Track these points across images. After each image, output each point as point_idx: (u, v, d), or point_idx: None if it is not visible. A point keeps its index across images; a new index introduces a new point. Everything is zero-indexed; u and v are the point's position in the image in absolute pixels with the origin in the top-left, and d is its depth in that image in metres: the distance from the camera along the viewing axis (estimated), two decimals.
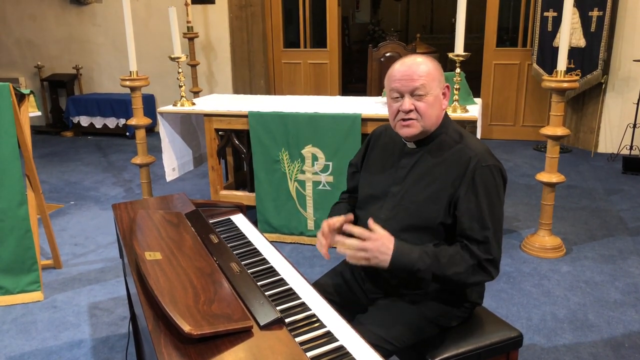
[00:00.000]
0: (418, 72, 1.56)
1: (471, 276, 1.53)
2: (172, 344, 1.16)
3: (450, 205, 1.57)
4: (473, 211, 1.54)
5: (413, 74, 1.56)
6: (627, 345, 2.37)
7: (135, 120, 3.73)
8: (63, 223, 3.94)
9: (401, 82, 1.57)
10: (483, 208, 1.53)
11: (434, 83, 1.57)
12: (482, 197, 1.54)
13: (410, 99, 1.57)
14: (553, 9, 5.17)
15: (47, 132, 6.92)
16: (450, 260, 1.52)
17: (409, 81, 1.56)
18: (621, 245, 3.35)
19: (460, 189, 1.55)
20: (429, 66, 1.57)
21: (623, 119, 5.18)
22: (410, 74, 1.56)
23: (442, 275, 1.51)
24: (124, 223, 1.82)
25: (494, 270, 1.56)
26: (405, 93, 1.57)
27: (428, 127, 1.60)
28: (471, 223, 1.54)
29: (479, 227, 1.53)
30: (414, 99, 1.57)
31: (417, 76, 1.55)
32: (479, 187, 1.54)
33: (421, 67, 1.56)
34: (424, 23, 10.83)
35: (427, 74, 1.56)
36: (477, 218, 1.53)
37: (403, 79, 1.57)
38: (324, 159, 3.27)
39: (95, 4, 6.69)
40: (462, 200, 1.55)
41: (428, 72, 1.56)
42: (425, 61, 1.58)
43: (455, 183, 1.56)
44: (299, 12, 6.27)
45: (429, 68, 1.57)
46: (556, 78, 2.98)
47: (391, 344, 1.54)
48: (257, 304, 1.29)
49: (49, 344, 2.49)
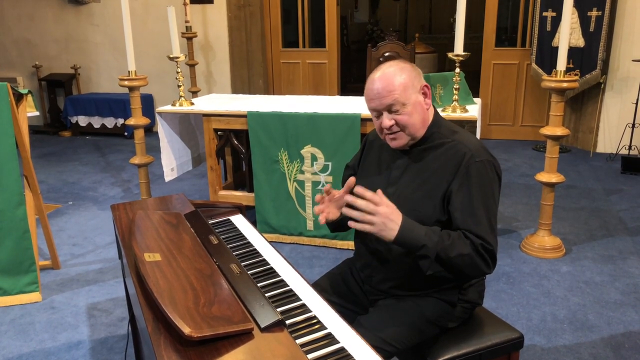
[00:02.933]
0: (388, 88, 1.54)
1: (473, 260, 1.48)
2: (172, 346, 1.15)
3: (444, 201, 1.56)
4: (466, 205, 1.53)
5: (383, 91, 1.54)
6: (627, 345, 2.36)
7: (133, 120, 3.72)
8: (61, 223, 3.92)
9: (375, 101, 1.57)
10: (476, 203, 1.52)
11: (408, 92, 1.55)
12: (475, 191, 1.53)
13: (389, 115, 1.57)
14: (552, 9, 5.17)
15: (45, 132, 6.91)
16: (454, 243, 1.47)
17: (382, 99, 1.55)
18: (621, 245, 3.35)
19: (453, 183, 1.55)
20: (400, 78, 1.54)
21: (622, 118, 5.18)
22: (381, 92, 1.55)
23: (445, 256, 1.46)
24: (123, 224, 1.81)
25: (492, 261, 1.52)
26: (382, 110, 1.57)
27: (415, 134, 1.60)
28: (464, 217, 1.52)
29: (473, 222, 1.52)
30: (392, 115, 1.56)
31: (387, 92, 1.54)
32: (472, 181, 1.53)
33: (391, 81, 1.54)
34: (422, 23, 10.82)
35: (399, 85, 1.54)
36: (470, 212, 1.52)
37: (376, 98, 1.56)
38: (323, 159, 3.26)
39: (94, 4, 6.68)
40: (455, 195, 1.54)
41: (399, 84, 1.54)
42: (395, 72, 1.55)
43: (448, 178, 1.56)
44: (298, 12, 6.26)
45: (400, 80, 1.54)
46: (555, 78, 2.98)
47: (392, 345, 1.54)
48: (258, 306, 1.28)
49: (47, 345, 2.48)
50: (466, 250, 1.48)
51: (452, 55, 3.11)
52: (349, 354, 1.20)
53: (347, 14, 9.74)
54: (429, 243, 1.45)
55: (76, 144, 6.42)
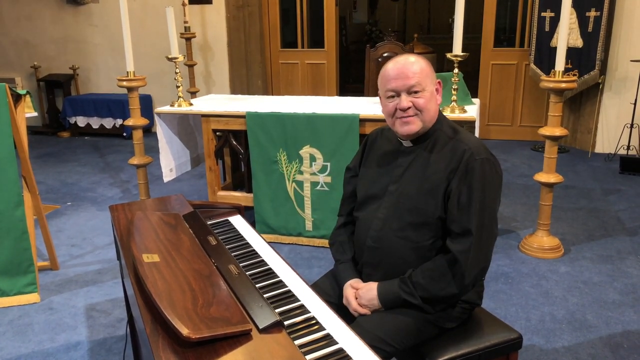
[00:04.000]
0: (412, 70, 1.59)
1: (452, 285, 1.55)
2: (170, 348, 1.15)
3: (445, 199, 1.58)
4: (463, 204, 1.55)
5: (408, 72, 1.59)
6: (626, 345, 2.36)
7: (132, 120, 3.72)
8: (60, 224, 3.92)
9: (397, 81, 1.60)
10: (473, 201, 1.54)
11: (428, 79, 1.61)
12: (474, 190, 1.54)
13: (407, 96, 1.60)
14: (550, 9, 5.17)
15: (44, 132, 6.90)
16: (430, 278, 1.55)
17: (404, 79, 1.59)
18: (619, 245, 3.35)
19: (453, 181, 1.57)
20: (422, 64, 1.61)
21: (620, 119, 5.19)
22: (405, 72, 1.59)
23: (428, 296, 1.56)
24: (121, 225, 1.81)
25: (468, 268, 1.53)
26: (401, 92, 1.60)
27: (427, 122, 1.63)
28: (460, 215, 1.55)
29: (468, 220, 1.53)
30: (411, 97, 1.60)
31: (411, 74, 1.59)
32: (472, 179, 1.55)
33: (414, 65, 1.60)
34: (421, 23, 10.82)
35: (421, 71, 1.60)
36: (466, 211, 1.54)
37: (398, 77, 1.60)
38: (322, 159, 3.26)
39: (92, 4, 6.67)
40: (454, 192, 1.56)
41: (421, 69, 1.60)
42: (417, 59, 1.62)
43: (449, 176, 1.58)
44: (296, 12, 6.26)
45: (421, 66, 1.61)
46: (554, 78, 2.98)
47: (390, 346, 1.54)
48: (256, 307, 1.28)
49: (45, 346, 2.47)
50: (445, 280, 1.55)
51: (451, 56, 3.11)
52: (348, 355, 1.20)
53: (346, 14, 9.74)
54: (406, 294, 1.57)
55: (75, 144, 6.41)
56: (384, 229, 1.65)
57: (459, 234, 1.55)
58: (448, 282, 1.55)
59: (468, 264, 1.53)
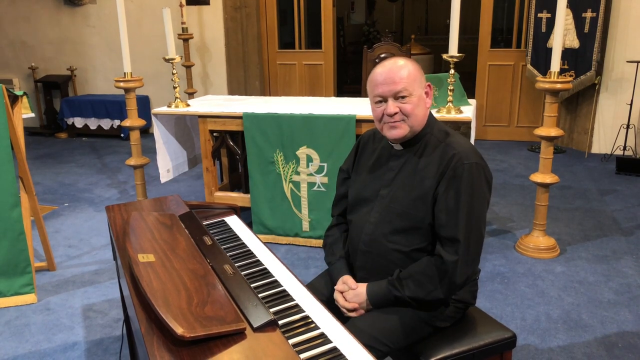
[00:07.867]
0: (399, 75, 1.57)
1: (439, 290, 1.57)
2: (165, 347, 1.16)
3: (433, 203, 1.58)
4: (450, 209, 1.54)
5: (395, 77, 1.57)
6: (621, 345, 2.37)
7: (129, 121, 3.72)
8: (57, 225, 3.92)
9: (383, 86, 1.59)
10: (461, 206, 1.53)
11: (416, 84, 1.59)
12: (461, 194, 1.54)
13: (394, 102, 1.59)
14: (547, 10, 5.19)
15: (41, 133, 6.90)
16: (418, 282, 1.57)
17: (391, 85, 1.58)
18: (615, 245, 3.36)
19: (441, 185, 1.56)
20: (409, 68, 1.59)
21: (616, 119, 5.21)
22: (392, 77, 1.58)
23: (416, 297, 1.58)
24: (118, 225, 1.81)
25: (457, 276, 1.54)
26: (388, 97, 1.59)
27: (415, 127, 1.62)
28: (447, 220, 1.55)
29: (454, 224, 1.53)
30: (398, 102, 1.58)
31: (398, 79, 1.57)
32: (459, 184, 1.54)
33: (402, 70, 1.58)
34: (418, 24, 10.85)
35: (408, 75, 1.58)
36: (453, 216, 1.54)
37: (385, 83, 1.58)
38: (318, 160, 3.27)
39: (89, 5, 6.67)
40: (440, 197, 1.56)
41: (409, 74, 1.58)
42: (406, 63, 1.60)
43: (438, 180, 1.58)
44: (294, 13, 6.26)
45: (409, 70, 1.59)
46: (550, 79, 2.99)
47: (385, 345, 1.55)
48: (251, 306, 1.29)
49: (42, 346, 2.48)
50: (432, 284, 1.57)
51: (447, 57, 3.12)
52: (342, 354, 1.21)
53: (344, 15, 9.75)
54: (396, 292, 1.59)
55: (72, 145, 6.41)
56: (375, 234, 1.66)
57: (448, 239, 1.55)
58: (435, 286, 1.56)
59: (457, 271, 1.54)
